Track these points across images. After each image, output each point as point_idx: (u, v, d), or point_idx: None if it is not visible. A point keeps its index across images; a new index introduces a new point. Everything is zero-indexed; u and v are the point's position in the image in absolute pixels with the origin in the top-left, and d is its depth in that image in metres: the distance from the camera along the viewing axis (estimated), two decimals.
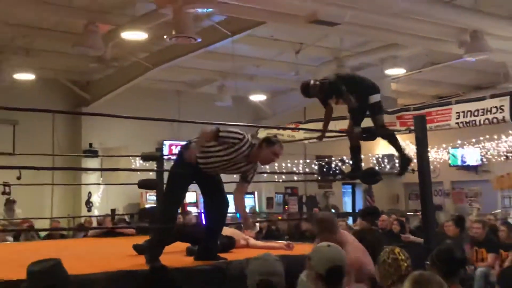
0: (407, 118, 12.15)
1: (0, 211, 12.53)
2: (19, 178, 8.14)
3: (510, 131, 16.14)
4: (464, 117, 12.02)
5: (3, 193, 12.61)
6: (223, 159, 5.08)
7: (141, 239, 7.93)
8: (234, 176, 5.60)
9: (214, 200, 5.36)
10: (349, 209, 20.67)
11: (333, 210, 19.29)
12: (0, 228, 11.05)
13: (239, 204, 5.52)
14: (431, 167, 6.70)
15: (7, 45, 12.75)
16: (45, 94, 14.88)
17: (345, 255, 3.90)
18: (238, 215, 8.50)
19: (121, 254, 6.10)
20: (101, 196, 15.57)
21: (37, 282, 2.94)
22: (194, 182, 5.35)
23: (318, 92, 6.65)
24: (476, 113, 11.75)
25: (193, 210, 15.05)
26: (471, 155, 18.43)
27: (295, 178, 17.94)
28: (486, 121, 11.77)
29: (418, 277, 2.89)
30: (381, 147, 19.67)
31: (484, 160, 18.08)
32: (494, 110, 11.36)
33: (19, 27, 11.78)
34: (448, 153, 18.53)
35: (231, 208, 5.65)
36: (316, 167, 17.70)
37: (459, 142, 17.78)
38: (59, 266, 3.02)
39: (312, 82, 6.71)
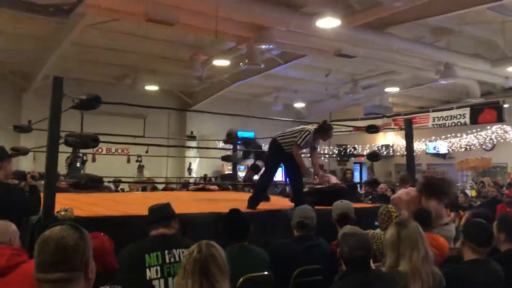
0: (399, 121, 11.91)
1: (134, 173, 12.87)
2: (147, 152, 8.33)
3: (468, 131, 15.70)
4: (438, 121, 11.70)
5: (137, 161, 12.96)
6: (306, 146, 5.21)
7: (222, 194, 8.03)
8: None
9: (293, 173, 5.34)
10: (357, 180, 20.37)
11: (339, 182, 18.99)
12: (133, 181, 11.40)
13: (315, 162, 5.53)
14: (414, 153, 6.52)
15: (141, 67, 13.01)
16: (164, 99, 15.10)
17: (351, 207, 3.85)
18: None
19: (210, 202, 6.17)
20: (197, 165, 15.81)
21: (155, 215, 3.01)
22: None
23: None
24: (446, 118, 11.42)
25: (255, 177, 15.15)
26: (442, 146, 17.94)
27: (323, 158, 17.80)
28: (453, 124, 11.44)
29: (399, 220, 2.85)
30: (380, 140, 19.35)
31: (450, 150, 17.60)
32: (459, 116, 11.02)
33: (149, 56, 12.01)
34: (426, 144, 18.14)
35: None
36: (336, 151, 17.51)
37: (433, 137, 17.39)
38: (168, 206, 3.08)
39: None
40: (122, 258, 2.78)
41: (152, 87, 14.07)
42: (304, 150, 5.42)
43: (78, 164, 10.63)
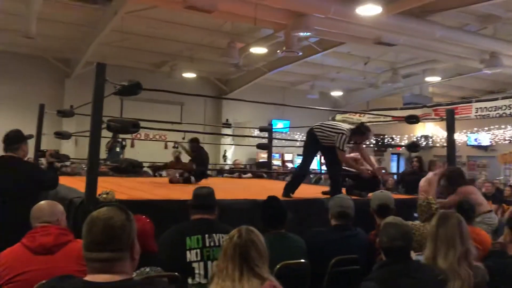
0: (440, 111, 11.61)
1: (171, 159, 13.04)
2: (183, 138, 8.43)
3: None
4: (481, 111, 11.34)
5: (173, 147, 13.15)
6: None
7: (255, 181, 8.07)
8: None
9: (332, 161, 5.28)
10: (394, 170, 19.99)
11: (383, 171, 18.68)
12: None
13: (366, 157, 5.54)
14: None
15: (179, 55, 13.14)
16: (201, 87, 15.24)
17: (390, 197, 3.80)
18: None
19: (244, 188, 6.21)
20: (232, 152, 15.91)
21: (198, 200, 3.05)
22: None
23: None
24: (490, 109, 11.05)
25: (289, 165, 15.26)
26: (484, 138, 17.33)
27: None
28: (497, 115, 11.07)
29: (442, 213, 2.79)
30: (419, 130, 18.88)
31: (493, 142, 16.99)
32: (504, 107, 10.64)
33: (187, 44, 12.12)
34: (467, 136, 17.61)
35: None
36: (373, 141, 17.24)
37: (475, 129, 16.84)
38: (213, 193, 3.13)
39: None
40: (163, 240, 2.86)
41: (189, 75, 14.20)
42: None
43: (117, 149, 10.89)
